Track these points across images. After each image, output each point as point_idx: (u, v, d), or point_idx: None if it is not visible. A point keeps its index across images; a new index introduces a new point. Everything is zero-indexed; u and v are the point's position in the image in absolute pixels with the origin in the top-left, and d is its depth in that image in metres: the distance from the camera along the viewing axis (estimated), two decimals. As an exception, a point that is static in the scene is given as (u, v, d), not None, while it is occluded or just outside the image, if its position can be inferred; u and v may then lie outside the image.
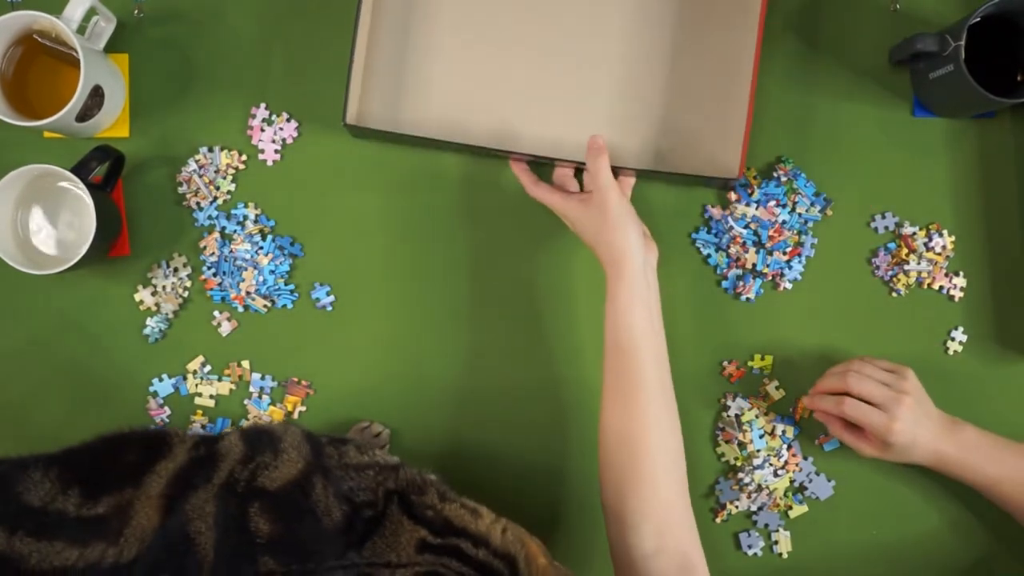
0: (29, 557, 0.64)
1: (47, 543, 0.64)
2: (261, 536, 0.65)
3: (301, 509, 0.66)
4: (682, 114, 0.87)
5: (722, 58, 0.87)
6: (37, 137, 0.89)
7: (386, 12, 0.87)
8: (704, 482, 0.90)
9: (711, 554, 0.90)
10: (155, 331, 0.89)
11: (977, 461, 0.81)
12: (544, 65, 0.87)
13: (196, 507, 0.66)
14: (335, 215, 0.89)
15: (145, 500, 0.67)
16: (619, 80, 0.87)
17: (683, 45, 0.87)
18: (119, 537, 0.65)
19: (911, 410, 0.80)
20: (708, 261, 0.90)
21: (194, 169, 0.89)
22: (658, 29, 0.87)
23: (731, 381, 0.90)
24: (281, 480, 0.67)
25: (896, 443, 0.80)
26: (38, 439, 0.89)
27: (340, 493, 0.67)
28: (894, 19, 0.90)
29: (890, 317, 0.90)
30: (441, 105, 0.87)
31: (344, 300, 0.90)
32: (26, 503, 0.66)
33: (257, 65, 0.90)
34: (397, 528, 0.67)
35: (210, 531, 0.65)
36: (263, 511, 0.66)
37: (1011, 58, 0.86)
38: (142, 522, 0.66)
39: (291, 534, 0.65)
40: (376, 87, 0.87)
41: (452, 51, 0.87)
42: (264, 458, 0.69)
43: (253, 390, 0.90)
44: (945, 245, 0.90)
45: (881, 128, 0.91)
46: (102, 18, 0.85)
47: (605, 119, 0.87)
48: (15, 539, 0.64)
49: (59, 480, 0.67)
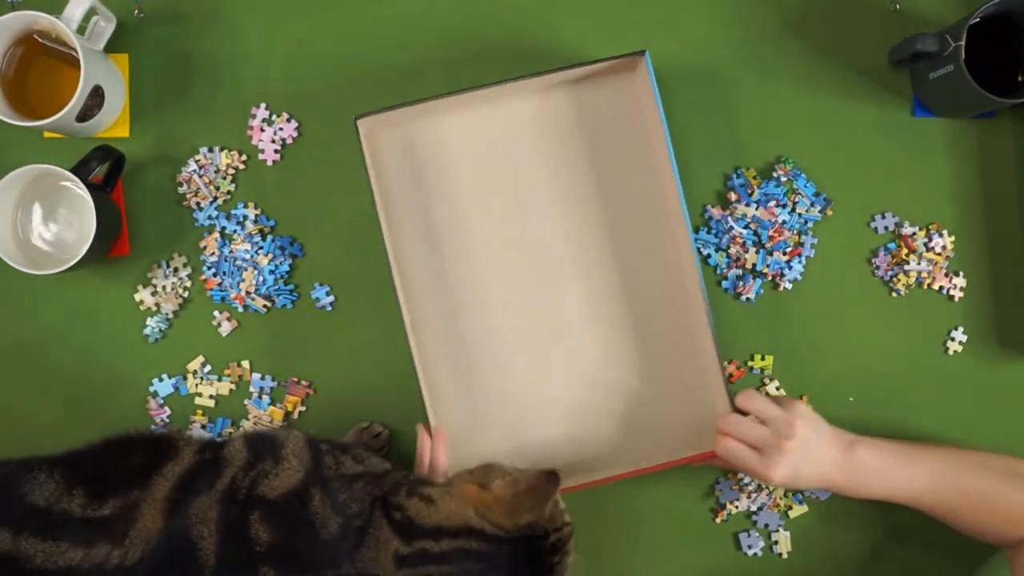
0: (34, 557, 0.64)
1: (52, 543, 0.64)
2: (261, 544, 0.65)
3: (299, 519, 0.66)
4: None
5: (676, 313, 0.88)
6: (37, 137, 0.89)
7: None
8: (704, 482, 0.90)
9: (711, 554, 0.91)
10: (155, 331, 0.89)
11: (871, 482, 0.80)
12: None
13: (199, 512, 0.66)
14: (335, 215, 0.89)
15: (151, 502, 0.67)
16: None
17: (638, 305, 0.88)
18: (124, 538, 0.65)
19: (792, 454, 0.78)
20: (708, 261, 0.90)
21: (194, 169, 0.89)
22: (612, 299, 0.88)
23: (731, 381, 0.90)
24: (281, 489, 0.68)
25: (775, 485, 0.79)
26: (38, 439, 0.89)
27: (336, 505, 0.67)
28: (894, 19, 0.90)
29: (890, 317, 0.90)
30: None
31: (344, 300, 0.90)
32: (31, 503, 0.66)
33: (257, 65, 0.90)
34: (379, 538, 0.67)
35: (212, 536, 0.65)
36: (263, 519, 0.66)
37: (1011, 58, 0.86)
38: (147, 524, 0.66)
39: (290, 544, 0.65)
40: None
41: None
42: (265, 465, 0.69)
43: (253, 390, 0.90)
44: (945, 245, 0.90)
45: (881, 128, 0.91)
46: (102, 18, 0.85)
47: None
48: (20, 539, 0.64)
49: (64, 480, 0.67)
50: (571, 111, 0.87)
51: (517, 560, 0.67)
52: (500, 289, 0.87)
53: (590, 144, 0.88)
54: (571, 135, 0.88)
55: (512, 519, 0.66)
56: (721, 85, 0.90)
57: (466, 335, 0.87)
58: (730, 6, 0.90)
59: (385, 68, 0.90)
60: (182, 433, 0.74)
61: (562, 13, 0.90)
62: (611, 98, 0.87)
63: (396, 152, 0.87)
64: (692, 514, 0.90)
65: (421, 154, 0.87)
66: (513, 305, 0.87)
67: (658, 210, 0.87)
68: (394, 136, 0.87)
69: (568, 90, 0.87)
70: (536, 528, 0.67)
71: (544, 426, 0.87)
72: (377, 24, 0.90)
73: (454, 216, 0.87)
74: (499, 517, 0.66)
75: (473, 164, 0.87)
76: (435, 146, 0.87)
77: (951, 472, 0.81)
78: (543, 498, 0.66)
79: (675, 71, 0.90)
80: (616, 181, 0.88)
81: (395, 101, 0.90)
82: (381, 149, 0.87)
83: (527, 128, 0.87)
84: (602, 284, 0.88)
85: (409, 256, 0.87)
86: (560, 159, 0.88)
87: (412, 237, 0.87)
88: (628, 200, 0.87)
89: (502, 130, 0.87)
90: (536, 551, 0.67)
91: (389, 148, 0.87)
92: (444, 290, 0.87)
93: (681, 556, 0.90)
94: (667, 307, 0.87)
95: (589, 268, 0.88)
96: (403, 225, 0.87)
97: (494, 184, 0.87)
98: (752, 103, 0.90)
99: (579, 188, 0.88)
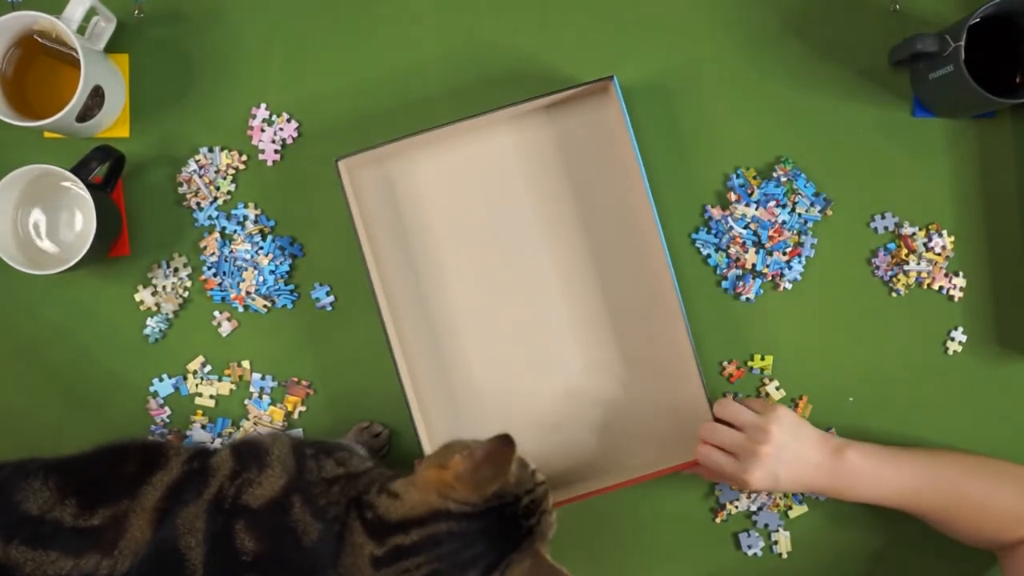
0: (24, 566, 0.64)
1: (42, 552, 0.65)
2: (247, 554, 0.65)
3: (282, 528, 0.66)
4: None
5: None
6: (37, 137, 0.89)
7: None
8: (704, 482, 0.90)
9: (711, 554, 0.91)
10: (155, 331, 0.89)
11: (858, 485, 0.80)
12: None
13: (187, 522, 0.66)
14: (335, 215, 0.89)
15: (140, 512, 0.67)
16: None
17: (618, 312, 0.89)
18: (114, 548, 0.66)
19: (768, 459, 0.78)
20: (708, 261, 0.90)
21: (194, 169, 0.89)
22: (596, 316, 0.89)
23: (731, 381, 0.90)
24: (263, 498, 0.68)
25: (755, 489, 0.79)
26: (38, 439, 0.89)
27: (315, 511, 0.67)
28: (894, 19, 0.90)
29: (890, 317, 0.90)
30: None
31: (344, 300, 0.90)
32: (24, 511, 0.66)
33: (257, 65, 0.90)
34: (354, 542, 0.67)
35: (200, 547, 0.65)
36: (248, 528, 0.66)
37: (1011, 58, 0.86)
38: (135, 534, 0.66)
39: (274, 553, 0.65)
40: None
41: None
42: (250, 473, 0.69)
43: (253, 390, 0.90)
44: (945, 245, 0.90)
45: (881, 128, 0.91)
46: (102, 18, 0.85)
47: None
48: (11, 547, 0.64)
49: (58, 489, 0.67)
50: (548, 137, 0.89)
51: (492, 531, 0.65)
52: (482, 310, 0.88)
53: (567, 167, 0.89)
54: (548, 160, 0.89)
55: (479, 492, 0.64)
56: (721, 85, 0.90)
57: (449, 357, 0.89)
58: (730, 6, 0.90)
59: (385, 68, 0.90)
60: (173, 443, 0.74)
61: (561, 12, 0.90)
62: (586, 122, 0.88)
63: (378, 188, 0.88)
64: (692, 514, 0.90)
65: (401, 189, 0.88)
66: (496, 325, 0.89)
67: (635, 230, 0.88)
68: (375, 173, 0.88)
69: (543, 116, 0.88)
70: (505, 495, 0.65)
71: (531, 441, 0.88)
72: (377, 24, 0.90)
73: (437, 243, 0.89)
74: (465, 493, 0.64)
75: (454, 192, 0.88)
76: (414, 181, 0.88)
77: (942, 475, 0.81)
78: (503, 463, 0.64)
79: (675, 72, 0.90)
80: (594, 203, 0.89)
81: (395, 102, 0.90)
82: (363, 186, 0.88)
83: (507, 156, 0.89)
84: (583, 302, 0.89)
85: (392, 281, 0.88)
86: (538, 183, 0.89)
87: (395, 265, 0.88)
88: (607, 221, 0.89)
89: (480, 160, 0.88)
90: (510, 517, 0.66)
91: (371, 185, 0.88)
92: (427, 313, 0.88)
93: (681, 556, 0.90)
94: (647, 320, 0.88)
95: (571, 287, 0.89)
96: (387, 257, 0.88)
97: (474, 212, 0.88)
98: (752, 103, 0.90)
99: (558, 210, 0.89)
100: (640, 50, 0.90)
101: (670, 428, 0.88)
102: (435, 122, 0.84)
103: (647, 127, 0.89)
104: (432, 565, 0.64)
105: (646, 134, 0.89)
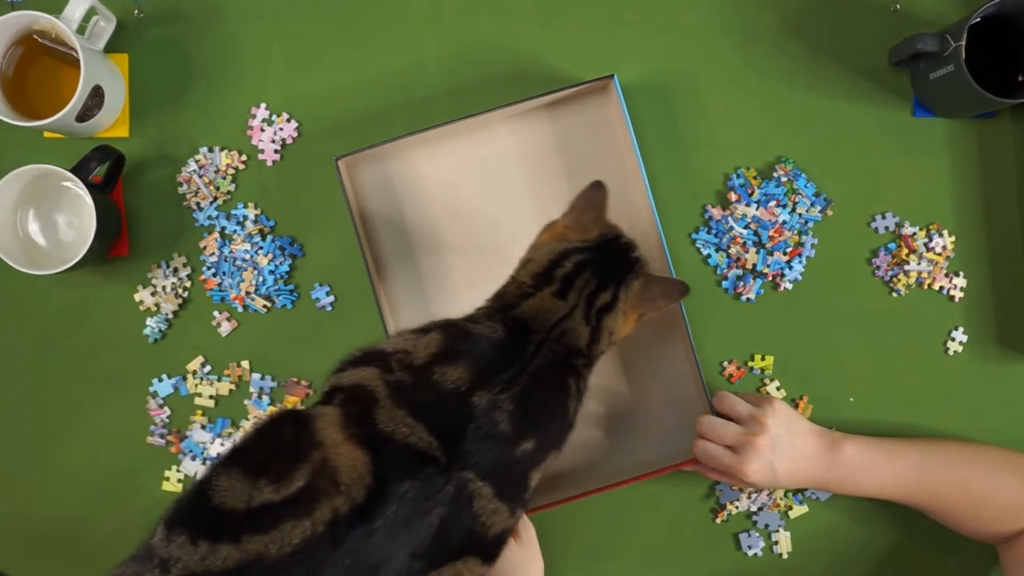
0: (267, 550, 0.61)
1: (274, 531, 0.61)
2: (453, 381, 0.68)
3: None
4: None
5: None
6: (37, 137, 0.89)
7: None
8: (704, 482, 0.90)
9: (712, 554, 0.91)
10: (155, 331, 0.89)
11: (856, 477, 0.81)
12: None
13: (394, 418, 0.66)
14: (335, 215, 0.89)
15: (335, 448, 0.64)
16: None
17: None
18: (337, 487, 0.63)
19: (764, 451, 0.78)
20: (708, 261, 0.90)
21: (194, 169, 0.89)
22: None
23: (731, 381, 0.90)
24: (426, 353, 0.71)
25: (753, 483, 0.80)
26: (38, 439, 0.89)
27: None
28: (894, 19, 0.90)
29: (890, 317, 0.90)
30: None
31: (344, 300, 0.90)
32: (231, 509, 0.63)
33: (257, 65, 0.90)
34: (541, 298, 0.75)
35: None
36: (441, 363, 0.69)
37: (1011, 58, 0.86)
38: (348, 463, 0.64)
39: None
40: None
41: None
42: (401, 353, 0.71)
43: (253, 390, 0.90)
44: (945, 245, 0.90)
45: (881, 128, 0.91)
46: (102, 18, 0.85)
47: None
48: (243, 543, 0.61)
49: (244, 477, 0.64)
50: (548, 136, 0.89)
51: (614, 257, 0.75)
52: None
53: (567, 166, 0.89)
54: (548, 158, 0.89)
55: (587, 234, 0.75)
56: (721, 85, 0.90)
57: None
58: (730, 6, 0.90)
59: (385, 68, 0.90)
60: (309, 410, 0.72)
61: (561, 12, 0.90)
62: (586, 122, 0.89)
63: (378, 187, 0.88)
64: (692, 514, 0.90)
65: (401, 188, 0.88)
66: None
67: (635, 230, 0.87)
68: (375, 172, 0.88)
69: (543, 115, 0.88)
70: (608, 232, 0.76)
71: None
72: (377, 24, 0.90)
73: (437, 242, 0.89)
74: (579, 235, 0.75)
75: (454, 191, 0.88)
76: (414, 180, 0.88)
77: (941, 465, 0.81)
78: (600, 204, 0.76)
79: (675, 71, 0.90)
80: None
81: (395, 101, 0.90)
82: (363, 185, 0.88)
83: (507, 155, 0.89)
84: None
85: (392, 281, 0.88)
86: (538, 181, 0.89)
87: (395, 264, 0.88)
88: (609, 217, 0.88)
89: (480, 159, 0.89)
90: (619, 249, 0.76)
91: (371, 184, 0.88)
92: (427, 312, 0.88)
93: (681, 556, 0.90)
94: (647, 320, 0.87)
95: None
96: (387, 256, 0.88)
97: (474, 211, 0.89)
98: (752, 103, 0.90)
99: (558, 209, 0.87)
100: (640, 50, 0.90)
101: (670, 428, 0.88)
102: (435, 121, 0.84)
103: (647, 127, 0.90)
104: (592, 279, 0.73)
105: (646, 134, 0.89)
